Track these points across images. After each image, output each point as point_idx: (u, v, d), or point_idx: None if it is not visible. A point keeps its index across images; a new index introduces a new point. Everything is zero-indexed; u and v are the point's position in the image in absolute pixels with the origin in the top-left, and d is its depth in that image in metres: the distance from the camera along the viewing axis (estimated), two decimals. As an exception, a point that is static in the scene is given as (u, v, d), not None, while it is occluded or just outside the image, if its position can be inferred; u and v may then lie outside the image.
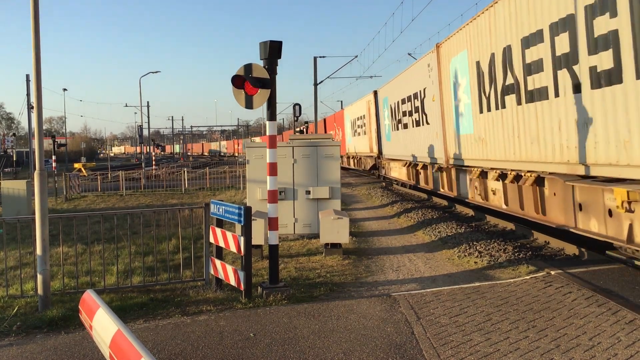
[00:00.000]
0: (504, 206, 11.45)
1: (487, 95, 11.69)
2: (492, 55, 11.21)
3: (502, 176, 11.35)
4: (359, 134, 32.16)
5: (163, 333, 6.33)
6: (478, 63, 12.02)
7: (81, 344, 6.06)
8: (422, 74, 16.87)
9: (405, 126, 19.93)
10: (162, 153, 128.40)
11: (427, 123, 16.64)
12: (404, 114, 19.94)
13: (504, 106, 10.84)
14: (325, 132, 47.09)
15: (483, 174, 12.48)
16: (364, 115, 29.84)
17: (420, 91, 17.28)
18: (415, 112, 18.26)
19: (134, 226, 11.16)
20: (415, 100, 17.97)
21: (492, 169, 11.90)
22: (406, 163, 20.40)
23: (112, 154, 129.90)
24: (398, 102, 20.93)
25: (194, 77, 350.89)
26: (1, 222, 8.49)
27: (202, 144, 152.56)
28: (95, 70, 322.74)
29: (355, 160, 34.85)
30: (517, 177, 10.58)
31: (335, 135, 42.44)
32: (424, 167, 17.88)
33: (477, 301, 7.19)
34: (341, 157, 39.17)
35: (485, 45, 11.58)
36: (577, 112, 8.29)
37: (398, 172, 22.55)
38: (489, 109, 11.69)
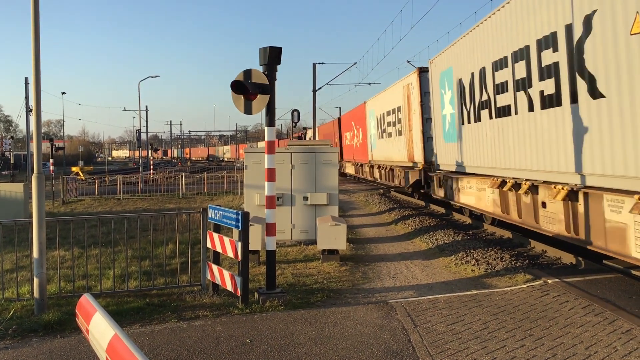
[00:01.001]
0: None
1: None
2: None
3: None
4: (389, 134, 22.84)
5: (159, 338, 6.31)
6: None
7: (77, 348, 6.04)
8: None
9: (503, 111, 10.94)
10: (164, 157, 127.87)
11: (597, 95, 7.90)
12: (500, 89, 10.98)
13: None
14: (341, 133, 38.53)
15: None
16: (398, 108, 20.90)
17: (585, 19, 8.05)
18: (545, 76, 9.29)
19: (131, 230, 11.15)
20: (551, 50, 9.07)
21: None
22: (499, 182, 11.37)
23: (110, 158, 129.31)
24: (480, 73, 12.11)
25: (193, 82, 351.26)
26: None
27: (208, 148, 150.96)
28: (94, 73, 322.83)
29: (385, 172, 24.42)
30: None
31: (353, 138, 33.21)
32: (572, 196, 8.76)
33: (474, 309, 7.19)
34: (362, 165, 30.95)
35: None
36: None
37: (475, 196, 13.21)
38: None
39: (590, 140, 8.17)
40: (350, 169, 36.31)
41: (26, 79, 42.68)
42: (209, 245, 8.32)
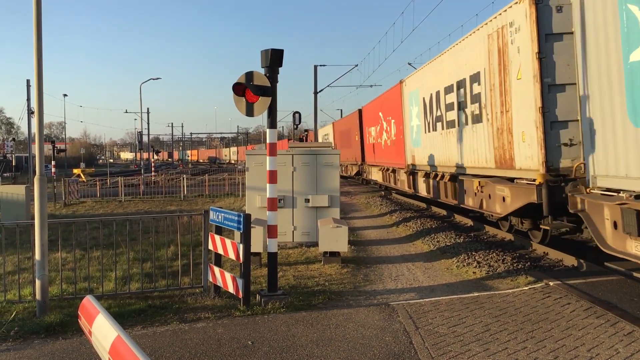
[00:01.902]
0: None
1: None
2: None
3: None
4: (450, 124, 14.44)
5: (161, 340, 6.32)
6: None
7: (79, 350, 6.04)
8: None
9: None
10: (169, 159, 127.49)
11: None
12: None
13: None
14: (362, 129, 30.15)
15: None
16: (475, 77, 12.50)
17: None
18: None
19: (132, 232, 11.12)
20: None
21: None
22: None
23: (111, 160, 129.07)
24: None
25: (194, 84, 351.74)
26: (0, 226, 8.48)
27: (216, 150, 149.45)
28: (96, 76, 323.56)
29: (442, 184, 15.67)
30: None
31: (381, 134, 24.34)
32: None
33: (476, 311, 7.18)
34: (395, 171, 22.15)
35: None
36: None
37: None
38: None
39: None
40: (376, 175, 26.94)
41: (28, 81, 42.80)
42: (210, 247, 8.32)
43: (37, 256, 7.37)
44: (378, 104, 25.41)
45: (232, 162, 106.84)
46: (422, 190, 17.99)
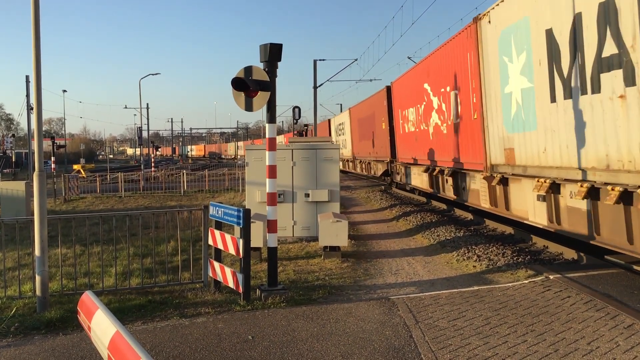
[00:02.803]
0: None
1: None
2: None
3: None
4: None
5: (161, 335, 6.33)
6: None
7: (79, 346, 6.05)
8: None
9: None
10: (173, 155, 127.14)
11: None
12: None
13: None
14: (391, 113, 22.27)
15: None
16: None
17: None
18: None
19: (132, 228, 11.11)
20: None
21: None
22: None
23: (111, 156, 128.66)
24: None
25: (193, 79, 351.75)
26: (0, 222, 8.48)
27: (220, 145, 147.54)
28: (95, 71, 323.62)
29: (606, 211, 7.71)
30: None
31: (427, 116, 16.48)
32: None
33: (476, 305, 7.19)
34: (456, 174, 14.51)
35: None
36: None
37: None
38: None
39: None
40: (417, 180, 18.76)
41: (27, 77, 42.71)
42: (210, 242, 8.33)
43: (37, 252, 7.37)
44: (422, 71, 17.13)
45: (236, 158, 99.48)
46: (535, 216, 10.02)
